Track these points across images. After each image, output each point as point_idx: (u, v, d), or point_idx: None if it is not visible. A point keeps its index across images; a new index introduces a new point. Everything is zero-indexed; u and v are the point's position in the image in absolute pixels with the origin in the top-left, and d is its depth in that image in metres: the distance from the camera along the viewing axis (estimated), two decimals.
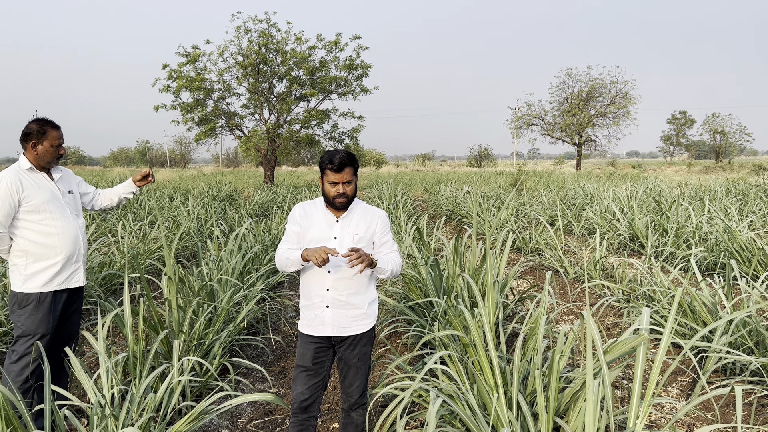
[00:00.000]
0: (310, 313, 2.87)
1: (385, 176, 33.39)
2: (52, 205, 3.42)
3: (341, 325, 2.84)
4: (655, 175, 32.97)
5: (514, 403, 2.86)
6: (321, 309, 2.83)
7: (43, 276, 3.37)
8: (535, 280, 7.64)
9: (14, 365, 3.34)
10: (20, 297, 3.35)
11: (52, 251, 3.40)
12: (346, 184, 2.77)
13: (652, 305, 5.34)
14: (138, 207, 13.24)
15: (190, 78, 24.84)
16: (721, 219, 8.53)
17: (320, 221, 2.86)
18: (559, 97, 48.22)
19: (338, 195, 2.77)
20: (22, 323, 3.35)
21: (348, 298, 2.84)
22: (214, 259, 6.15)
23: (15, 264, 3.37)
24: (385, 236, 2.94)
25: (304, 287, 2.92)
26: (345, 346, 2.90)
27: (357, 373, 2.93)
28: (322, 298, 2.83)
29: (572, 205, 14.11)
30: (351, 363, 2.91)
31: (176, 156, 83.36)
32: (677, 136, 71.16)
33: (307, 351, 2.87)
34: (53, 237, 3.40)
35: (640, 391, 2.61)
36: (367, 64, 26.00)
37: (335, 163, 2.73)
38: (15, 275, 3.37)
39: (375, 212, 2.95)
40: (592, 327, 2.58)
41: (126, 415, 3.05)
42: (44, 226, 3.37)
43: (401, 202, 14.22)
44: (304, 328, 2.90)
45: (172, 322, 4.20)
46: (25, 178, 3.35)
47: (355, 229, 2.85)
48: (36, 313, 3.36)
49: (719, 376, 4.24)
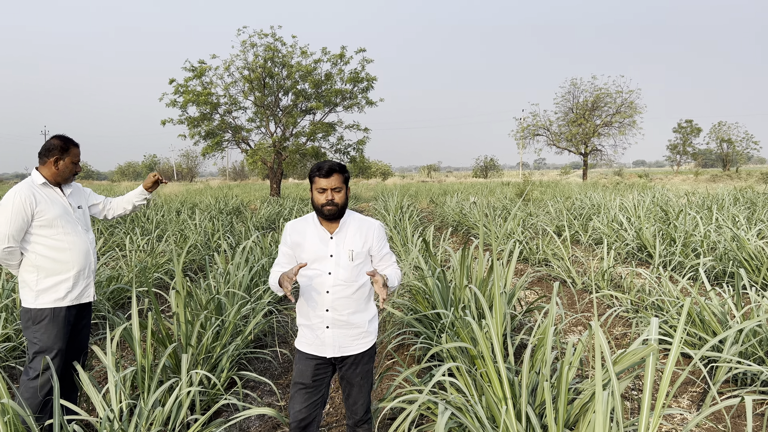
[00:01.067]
0: (310, 333, 2.81)
1: (391, 188, 33.43)
2: (64, 220, 3.44)
3: (342, 345, 2.78)
4: (662, 184, 32.86)
5: (523, 416, 2.84)
6: (321, 330, 2.76)
7: (55, 291, 3.37)
8: (543, 290, 7.61)
9: (33, 381, 3.32)
10: (34, 313, 3.35)
11: (64, 266, 3.41)
12: (335, 191, 2.70)
13: (660, 315, 5.31)
14: (146, 221, 13.30)
15: (197, 92, 25.03)
16: (729, 228, 8.49)
17: (313, 239, 2.78)
18: (565, 107, 48.32)
19: (327, 202, 2.69)
20: (38, 339, 3.34)
21: (348, 318, 2.76)
22: (222, 272, 6.17)
23: (25, 280, 3.37)
24: (383, 249, 2.89)
25: (302, 307, 2.85)
26: (347, 366, 2.84)
27: (360, 391, 2.88)
28: (321, 318, 2.76)
29: (579, 215, 14.08)
30: (354, 381, 2.86)
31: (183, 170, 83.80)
32: (684, 144, 71.02)
33: (307, 368, 2.81)
34: (65, 252, 3.41)
35: (650, 402, 2.59)
36: (372, 77, 26.13)
37: (324, 168, 2.69)
38: (26, 291, 3.37)
39: (370, 224, 2.88)
40: (601, 338, 2.57)
41: (134, 430, 3.05)
42: (56, 241, 3.39)
43: (407, 213, 14.22)
44: (304, 347, 2.84)
45: (180, 336, 4.21)
46: (39, 193, 3.37)
47: (351, 245, 2.77)
48: (52, 328, 3.36)
49: (730, 387, 4.20)
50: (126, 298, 6.90)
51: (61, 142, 3.45)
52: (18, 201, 3.28)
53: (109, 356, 3.44)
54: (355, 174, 63.94)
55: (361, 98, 26.50)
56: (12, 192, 3.32)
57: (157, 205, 17.37)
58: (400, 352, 5.25)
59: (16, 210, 3.27)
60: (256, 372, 4.86)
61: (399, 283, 2.89)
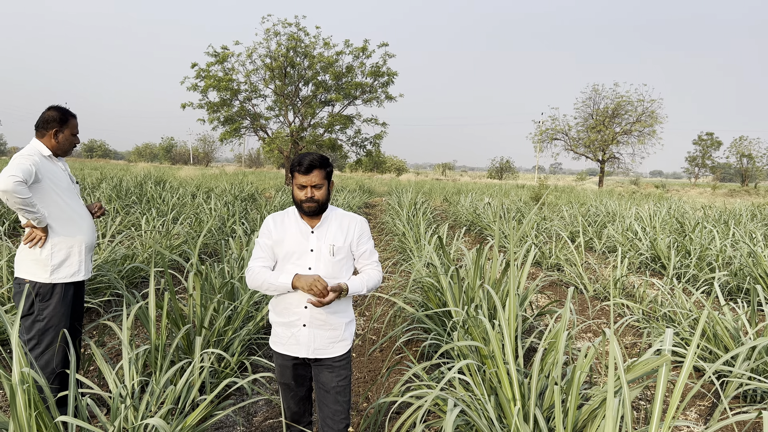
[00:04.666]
0: (284, 330, 2.70)
1: (405, 184, 33.42)
2: (71, 192, 3.43)
3: (317, 347, 2.68)
4: (679, 196, 32.56)
5: (530, 418, 2.85)
6: (297, 328, 2.67)
7: (69, 266, 3.37)
8: (555, 295, 7.59)
9: (40, 359, 3.30)
10: (45, 289, 3.29)
11: (75, 239, 3.37)
12: (315, 188, 2.60)
13: (672, 327, 5.28)
14: (161, 202, 13.41)
15: (218, 78, 25.19)
16: (746, 243, 8.41)
17: (294, 232, 2.68)
18: (585, 112, 47.93)
19: (306, 199, 2.60)
20: (45, 316, 3.29)
21: (327, 318, 2.66)
22: (236, 257, 6.22)
23: (37, 257, 3.28)
24: (364, 245, 2.77)
25: (277, 304, 2.73)
26: (323, 368, 2.73)
27: (336, 401, 2.72)
28: (299, 316, 2.65)
29: (593, 222, 14.00)
30: (329, 388, 2.72)
31: (200, 154, 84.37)
32: (703, 157, 70.31)
33: (285, 370, 2.76)
34: (74, 223, 3.38)
35: (660, 413, 2.58)
36: (393, 72, 26.15)
37: (303, 164, 2.57)
38: (38, 266, 3.29)
39: (352, 219, 2.78)
40: (615, 345, 2.57)
41: (146, 407, 3.10)
42: (64, 211, 3.35)
43: (421, 209, 14.22)
44: (277, 346, 2.75)
45: (194, 318, 4.26)
46: (47, 164, 3.32)
47: (332, 240, 2.68)
48: (61, 306, 3.34)
49: (739, 403, 4.18)
50: (140, 277, 6.97)
51: (59, 114, 3.36)
52: (30, 161, 3.18)
53: (125, 333, 3.49)
54: (370, 168, 63.98)
55: (380, 92, 26.52)
56: (20, 157, 3.22)
57: (173, 187, 17.51)
58: (408, 347, 5.27)
59: (26, 161, 3.16)
60: (265, 358, 4.91)
61: (371, 288, 2.73)
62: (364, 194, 25.36)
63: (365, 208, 21.50)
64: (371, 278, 2.74)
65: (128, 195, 14.53)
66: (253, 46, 26.21)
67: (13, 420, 2.37)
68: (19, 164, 3.13)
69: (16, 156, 3.26)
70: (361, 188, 28.56)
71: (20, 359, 2.43)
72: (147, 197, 14.15)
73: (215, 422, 3.69)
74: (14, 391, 2.33)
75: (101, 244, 7.05)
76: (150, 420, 2.48)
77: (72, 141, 3.45)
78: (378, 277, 2.78)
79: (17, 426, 2.38)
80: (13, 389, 2.34)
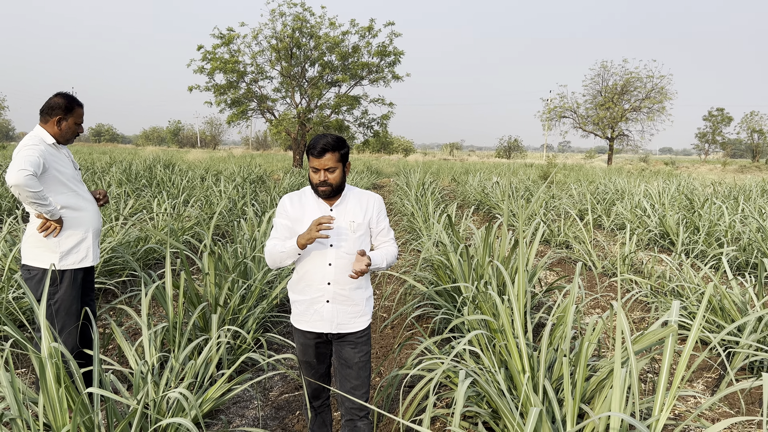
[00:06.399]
0: (307, 308, 2.74)
1: (413, 164, 33.38)
2: (76, 179, 3.46)
3: (340, 322, 2.72)
4: (688, 173, 32.37)
5: (540, 389, 2.93)
6: (321, 304, 2.71)
7: (77, 252, 3.39)
8: (563, 272, 7.65)
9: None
10: (54, 275, 3.31)
11: (82, 227, 3.40)
12: (328, 171, 2.60)
13: (681, 301, 5.34)
14: (171, 186, 13.52)
15: (224, 60, 25.13)
16: (755, 219, 8.42)
17: (313, 210, 2.70)
18: (593, 89, 47.48)
19: (320, 183, 2.61)
20: (57, 299, 3.33)
21: (350, 293, 2.71)
22: (248, 238, 6.31)
23: (46, 243, 3.30)
24: (382, 222, 2.82)
25: (299, 282, 2.77)
26: (346, 344, 2.77)
27: (359, 375, 2.77)
28: (322, 292, 2.69)
29: (602, 199, 14.00)
30: (352, 363, 2.76)
31: (207, 137, 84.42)
32: (713, 133, 69.63)
33: (308, 348, 2.81)
34: (81, 211, 3.41)
35: (666, 382, 2.65)
36: (399, 51, 25.96)
37: (317, 148, 2.56)
38: (47, 253, 3.31)
39: (370, 197, 2.82)
40: (622, 316, 2.63)
41: (165, 383, 3.20)
42: (73, 193, 3.38)
43: (429, 189, 14.26)
44: (299, 323, 2.78)
45: (209, 297, 4.36)
46: (52, 152, 3.32)
47: (352, 217, 2.71)
48: (71, 289, 3.38)
49: (746, 374, 4.25)
50: (154, 258, 7.09)
51: (65, 101, 3.34)
52: (39, 150, 3.19)
53: (144, 311, 3.59)
54: (377, 149, 63.82)
55: (387, 72, 26.39)
56: (26, 148, 3.21)
57: (182, 171, 17.61)
58: (419, 323, 5.37)
59: (35, 152, 3.17)
60: (279, 336, 5.02)
61: (389, 263, 2.78)
62: (372, 175, 25.39)
63: (373, 189, 21.55)
64: (389, 253, 2.79)
65: (138, 179, 14.65)
66: (258, 27, 26.10)
67: (43, 393, 2.47)
68: (27, 157, 3.13)
69: (21, 146, 3.24)
70: (368, 169, 28.58)
71: (47, 335, 2.52)
72: (157, 180, 14.26)
73: (233, 396, 3.80)
74: (44, 366, 2.43)
75: (114, 227, 7.15)
76: (173, 393, 2.57)
77: (75, 130, 3.44)
78: (395, 253, 2.83)
79: (47, 399, 2.48)
80: (42, 363, 2.44)
